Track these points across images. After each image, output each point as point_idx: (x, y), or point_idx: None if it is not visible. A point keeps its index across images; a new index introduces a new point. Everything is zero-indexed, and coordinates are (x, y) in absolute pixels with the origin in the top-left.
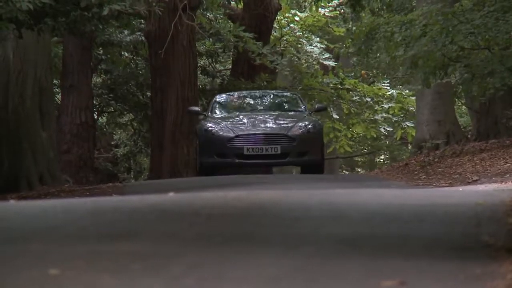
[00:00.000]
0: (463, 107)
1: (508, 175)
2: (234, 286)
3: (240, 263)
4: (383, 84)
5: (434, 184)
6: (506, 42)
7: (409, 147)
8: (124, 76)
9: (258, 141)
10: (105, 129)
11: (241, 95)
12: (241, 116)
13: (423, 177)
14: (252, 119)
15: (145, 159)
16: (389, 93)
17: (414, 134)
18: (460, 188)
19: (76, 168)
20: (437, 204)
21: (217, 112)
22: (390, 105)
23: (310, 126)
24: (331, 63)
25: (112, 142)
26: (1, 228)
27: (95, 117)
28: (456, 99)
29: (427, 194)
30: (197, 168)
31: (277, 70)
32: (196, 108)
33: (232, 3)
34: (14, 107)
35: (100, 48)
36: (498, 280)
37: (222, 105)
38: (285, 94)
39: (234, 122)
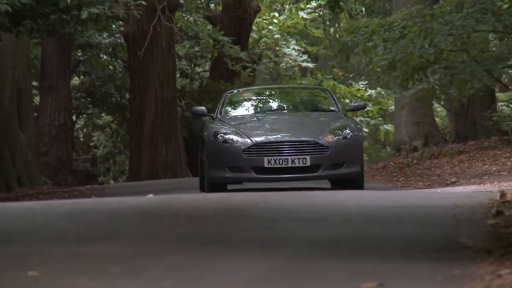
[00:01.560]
0: (441, 108)
1: (486, 177)
2: (217, 286)
3: (220, 265)
4: (361, 85)
5: (412, 185)
6: (484, 43)
7: (388, 149)
8: (102, 78)
9: (282, 151)
10: (83, 131)
11: (259, 91)
12: (259, 118)
13: (402, 178)
14: (273, 122)
15: (124, 160)
16: (368, 94)
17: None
18: (439, 190)
19: (54, 170)
20: (416, 206)
21: (229, 113)
22: (368, 108)
23: (347, 130)
24: (309, 65)
25: (91, 144)
26: None
27: (74, 119)
28: (434, 101)
29: (406, 195)
30: (205, 184)
31: (256, 73)
32: (202, 108)
33: (212, 5)
34: None
35: (79, 50)
36: (477, 282)
37: (235, 104)
38: (314, 89)
39: (251, 126)
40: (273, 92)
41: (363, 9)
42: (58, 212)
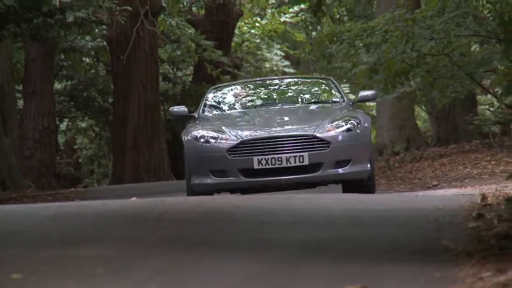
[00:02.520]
0: (423, 112)
1: (467, 180)
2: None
3: (206, 267)
4: (344, 88)
5: (394, 188)
6: (466, 48)
7: None
8: (85, 82)
9: (274, 148)
10: (66, 134)
11: (248, 84)
12: (247, 114)
13: (384, 182)
14: (264, 117)
15: (108, 163)
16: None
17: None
18: (421, 193)
19: (38, 174)
20: (398, 209)
21: (212, 110)
22: None
23: (352, 121)
24: (291, 70)
25: (75, 147)
26: None
27: (57, 122)
28: (416, 105)
29: (388, 198)
30: (187, 193)
31: (237, 78)
32: (181, 108)
33: (194, 9)
34: None
35: (62, 54)
36: (458, 284)
37: (220, 101)
38: (313, 79)
39: (237, 122)
40: (264, 85)
41: (345, 14)
42: (42, 215)
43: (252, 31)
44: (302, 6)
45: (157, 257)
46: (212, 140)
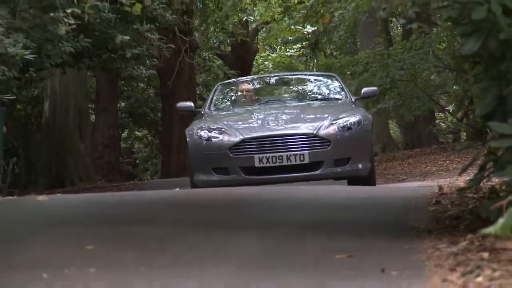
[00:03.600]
0: (394, 124)
1: (428, 175)
2: (227, 259)
3: (231, 242)
4: None
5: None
6: (427, 76)
7: None
8: (140, 102)
9: (275, 147)
10: (126, 141)
11: (254, 80)
12: (251, 111)
13: None
14: (267, 115)
15: (158, 162)
16: None
17: None
18: (391, 185)
19: (106, 171)
20: (377, 197)
21: (218, 106)
22: None
23: (352, 120)
24: None
25: (133, 150)
26: (51, 215)
27: (120, 132)
28: (390, 119)
29: (369, 189)
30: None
31: None
32: (188, 104)
33: (222, 46)
34: (60, 125)
35: (123, 80)
36: (421, 254)
37: (226, 97)
38: (318, 76)
39: (239, 120)
40: (271, 81)
41: (336, 50)
42: (109, 202)
43: (266, 62)
44: (304, 43)
45: (194, 234)
46: (215, 138)
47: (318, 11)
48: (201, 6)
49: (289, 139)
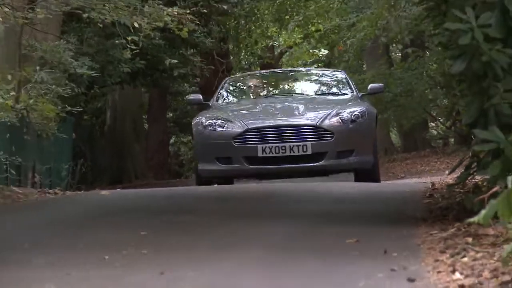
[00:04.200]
0: (395, 131)
1: (423, 174)
2: (258, 243)
3: (261, 230)
4: None
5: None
6: (421, 91)
7: None
8: (184, 113)
9: (278, 137)
10: (174, 145)
11: (263, 74)
12: (256, 103)
13: None
14: (271, 106)
15: None
16: None
17: None
18: (392, 182)
19: (157, 170)
20: (380, 192)
21: (226, 99)
22: None
23: (356, 113)
24: None
25: (179, 153)
26: (111, 206)
27: (168, 138)
28: (391, 126)
29: (374, 185)
30: (195, 177)
31: None
32: (197, 96)
33: (252, 67)
34: (119, 131)
35: (171, 95)
36: (417, 238)
37: (234, 90)
38: (326, 72)
39: (244, 111)
40: (279, 76)
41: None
42: (160, 195)
43: None
44: (320, 64)
45: (229, 223)
46: (219, 128)
47: (330, 36)
48: (234, 34)
49: (292, 129)
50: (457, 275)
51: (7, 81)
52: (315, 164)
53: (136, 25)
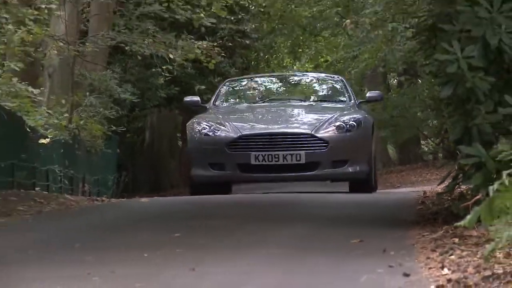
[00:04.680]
0: (391, 147)
1: (416, 184)
2: (275, 242)
3: (279, 231)
4: None
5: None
6: (414, 113)
7: None
8: None
9: (271, 145)
10: None
11: (260, 79)
12: (252, 108)
13: None
14: (266, 112)
15: None
16: None
17: None
18: (390, 191)
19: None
20: (379, 199)
21: (223, 102)
22: None
23: (352, 122)
24: None
25: None
26: (150, 212)
27: None
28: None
29: (374, 194)
30: (189, 183)
31: None
32: (195, 98)
33: None
34: (156, 148)
35: None
36: (410, 239)
37: (232, 93)
38: (324, 77)
39: (239, 117)
40: (277, 80)
41: None
42: (190, 203)
43: None
44: None
45: (250, 225)
46: (213, 133)
47: (336, 66)
48: (255, 64)
49: (286, 138)
50: (446, 270)
51: (62, 105)
52: (308, 173)
53: (171, 56)
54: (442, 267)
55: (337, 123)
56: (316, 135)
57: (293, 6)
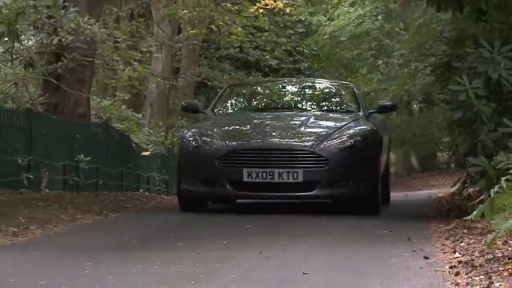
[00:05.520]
0: (414, 158)
1: (434, 187)
2: (322, 233)
3: (324, 224)
4: None
5: (402, 191)
6: (432, 132)
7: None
8: None
9: (266, 161)
10: None
11: (264, 84)
12: (250, 118)
13: (399, 187)
14: (264, 123)
15: None
16: None
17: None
18: (412, 193)
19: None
20: (405, 199)
21: (222, 109)
22: None
23: (356, 137)
24: None
25: None
26: (228, 208)
27: None
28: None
29: (401, 194)
30: (177, 197)
31: None
32: (193, 103)
33: None
34: None
35: None
36: (429, 230)
37: (232, 100)
38: (333, 85)
39: (234, 128)
40: (281, 87)
41: None
42: (257, 204)
43: None
44: None
45: (301, 220)
46: (203, 145)
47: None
48: None
49: (282, 153)
50: (457, 254)
51: (159, 126)
52: (305, 193)
53: None
54: (454, 252)
55: (340, 138)
56: (316, 151)
57: (337, 49)
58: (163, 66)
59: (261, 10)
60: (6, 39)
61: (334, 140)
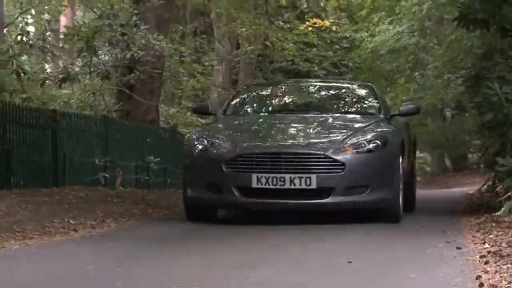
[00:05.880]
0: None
1: (465, 185)
2: (366, 229)
3: (366, 221)
4: None
5: (437, 188)
6: (464, 136)
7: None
8: None
9: (276, 166)
10: None
11: (278, 86)
12: (262, 121)
13: (432, 185)
14: (276, 127)
15: None
16: None
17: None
18: (446, 190)
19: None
20: (439, 195)
21: (234, 112)
22: None
23: (376, 140)
24: None
25: None
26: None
27: None
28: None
29: (434, 192)
30: (184, 203)
31: None
32: (205, 104)
33: None
34: None
35: None
36: (461, 223)
37: (244, 102)
38: (351, 85)
39: (244, 131)
40: (297, 88)
41: None
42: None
43: None
44: None
45: (343, 217)
46: (211, 149)
47: None
48: None
49: (294, 158)
50: (486, 245)
51: None
52: (319, 201)
53: None
54: (484, 243)
55: (357, 142)
56: (331, 155)
57: (378, 62)
58: (223, 78)
59: (310, 28)
60: (85, 54)
61: (351, 144)
